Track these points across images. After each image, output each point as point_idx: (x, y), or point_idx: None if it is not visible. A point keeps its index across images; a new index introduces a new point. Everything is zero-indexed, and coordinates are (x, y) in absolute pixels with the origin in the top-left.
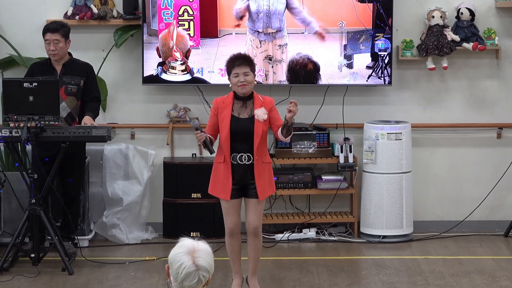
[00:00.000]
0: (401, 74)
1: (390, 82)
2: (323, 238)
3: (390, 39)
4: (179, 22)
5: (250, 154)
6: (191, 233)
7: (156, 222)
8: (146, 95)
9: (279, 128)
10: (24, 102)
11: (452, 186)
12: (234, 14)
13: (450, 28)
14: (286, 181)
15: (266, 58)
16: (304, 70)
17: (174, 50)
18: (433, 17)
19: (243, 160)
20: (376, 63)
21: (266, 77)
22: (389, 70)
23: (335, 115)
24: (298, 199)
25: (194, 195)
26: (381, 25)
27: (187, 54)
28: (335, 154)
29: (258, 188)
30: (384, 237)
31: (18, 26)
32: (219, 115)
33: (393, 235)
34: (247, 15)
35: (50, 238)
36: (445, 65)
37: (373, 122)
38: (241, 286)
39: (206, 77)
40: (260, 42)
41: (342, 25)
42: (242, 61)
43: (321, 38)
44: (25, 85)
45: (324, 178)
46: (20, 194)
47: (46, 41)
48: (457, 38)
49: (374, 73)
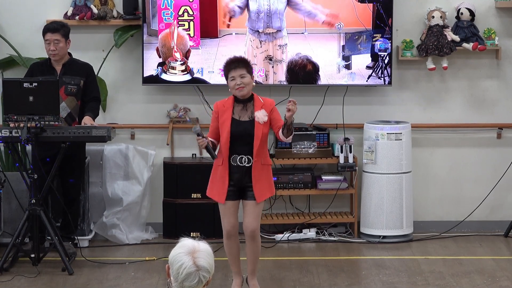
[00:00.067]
0: (401, 74)
1: (390, 82)
2: (323, 238)
3: (389, 39)
4: (179, 22)
5: (250, 157)
6: (191, 233)
7: (156, 222)
8: (146, 95)
9: (280, 128)
10: (24, 102)
11: (452, 186)
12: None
13: (450, 28)
14: (286, 181)
15: (266, 58)
16: (303, 71)
17: (174, 50)
18: (433, 17)
19: (243, 162)
20: (376, 63)
21: (266, 77)
22: (389, 70)
23: (335, 115)
24: (298, 199)
25: (194, 195)
26: (381, 25)
27: (187, 55)
28: (335, 154)
29: (256, 190)
30: (384, 237)
31: (18, 26)
32: (220, 119)
33: (393, 235)
34: (247, 16)
35: (50, 238)
36: (445, 65)
37: (373, 122)
38: (241, 286)
39: (206, 77)
40: (260, 42)
41: (340, 26)
42: (238, 63)
43: (330, 26)
44: (25, 85)
45: (324, 178)
46: (20, 194)
47: (46, 41)
48: (457, 38)
49: (374, 73)
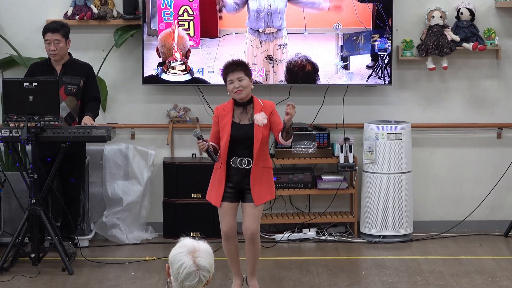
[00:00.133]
0: (401, 74)
1: (390, 82)
2: (323, 238)
3: (389, 39)
4: (179, 22)
5: (250, 159)
6: (191, 233)
7: (156, 222)
8: (146, 95)
9: (280, 131)
10: (24, 102)
11: (452, 186)
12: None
13: (450, 28)
14: (286, 181)
15: (266, 58)
16: (302, 71)
17: (174, 50)
18: (433, 17)
19: (243, 164)
20: (376, 63)
21: (267, 77)
22: (389, 70)
23: (335, 115)
24: (298, 199)
25: (194, 195)
26: (381, 25)
27: (187, 54)
28: (335, 154)
29: (254, 193)
30: (384, 237)
31: (18, 26)
32: (221, 123)
33: (393, 235)
34: (247, 15)
35: (50, 238)
36: (445, 65)
37: (373, 122)
38: (241, 286)
39: (206, 77)
40: (260, 42)
41: (338, 26)
42: (235, 67)
43: (338, 11)
44: (25, 85)
45: (324, 178)
46: (20, 194)
47: (46, 41)
48: (457, 38)
49: (374, 73)
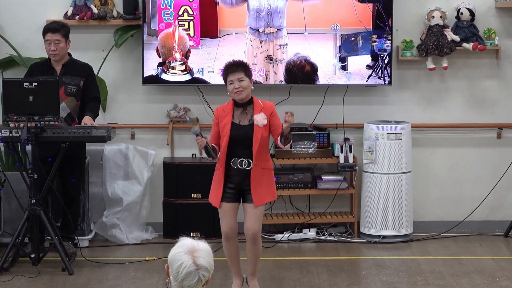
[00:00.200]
0: (401, 74)
1: (390, 82)
2: (323, 238)
3: (387, 39)
4: (179, 22)
5: (250, 160)
6: (191, 233)
7: (156, 222)
8: (146, 95)
9: (279, 136)
10: (24, 102)
11: (452, 186)
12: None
13: (450, 28)
14: (286, 181)
15: (266, 58)
16: (301, 72)
17: (175, 51)
18: (433, 17)
19: (243, 165)
20: (376, 63)
21: (267, 77)
22: (389, 70)
23: (335, 115)
24: (298, 199)
25: (194, 195)
26: (381, 25)
27: (187, 55)
28: (335, 154)
29: (254, 194)
30: (384, 237)
31: (18, 26)
32: (220, 124)
33: (393, 235)
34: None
35: (50, 238)
36: (445, 65)
37: (373, 122)
38: (241, 286)
39: (206, 77)
40: (260, 42)
41: (336, 27)
42: (236, 67)
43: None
44: (25, 85)
45: (324, 178)
46: (20, 194)
47: (46, 41)
48: (457, 38)
49: (374, 73)
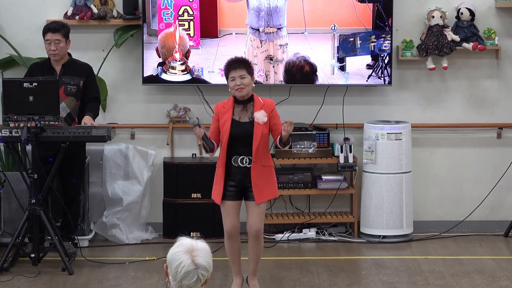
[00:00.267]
0: (401, 74)
1: (390, 82)
2: (323, 238)
3: (386, 39)
4: (179, 22)
5: (251, 157)
6: (191, 233)
7: (156, 222)
8: (146, 95)
9: (278, 137)
10: (24, 102)
11: (452, 186)
12: None
13: (450, 28)
14: (286, 181)
15: (267, 58)
16: (300, 72)
17: (175, 51)
18: (433, 17)
19: (244, 163)
20: (376, 63)
21: (267, 77)
22: (389, 70)
23: (335, 115)
24: (298, 199)
25: (194, 195)
26: (381, 25)
27: (187, 55)
28: (335, 154)
29: (255, 191)
30: (384, 237)
31: (18, 26)
32: (220, 120)
33: (393, 235)
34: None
35: (50, 238)
36: (445, 65)
37: (373, 122)
38: (241, 286)
39: (206, 77)
40: (260, 42)
41: (334, 27)
42: (238, 64)
43: None
44: (25, 85)
45: (324, 178)
46: (20, 194)
47: (46, 41)
48: (457, 38)
49: (374, 73)
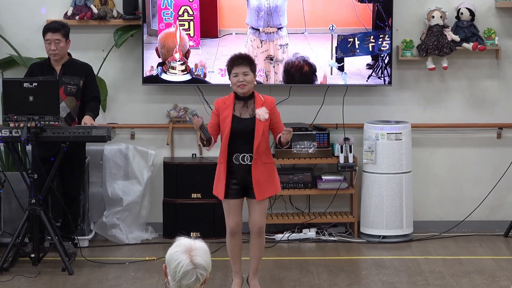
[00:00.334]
0: (401, 74)
1: (390, 82)
2: (323, 238)
3: (385, 39)
4: (179, 22)
5: (252, 154)
6: (191, 233)
7: (156, 222)
8: (146, 95)
9: (278, 137)
10: (24, 102)
11: (452, 186)
12: None
13: (450, 28)
14: (286, 181)
15: (267, 58)
16: (299, 72)
17: (175, 51)
18: (433, 17)
19: (245, 160)
20: (376, 63)
21: (267, 77)
22: (389, 70)
23: (335, 115)
24: (298, 199)
25: (194, 195)
26: (381, 25)
27: (187, 55)
28: (335, 154)
29: (257, 188)
30: (384, 237)
31: (18, 26)
32: (221, 115)
33: (393, 235)
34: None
35: (50, 238)
36: (445, 65)
37: (373, 122)
38: (241, 286)
39: (206, 77)
40: (261, 42)
41: (332, 27)
42: (242, 60)
43: None
44: (25, 85)
45: (324, 178)
46: (20, 194)
47: (46, 41)
48: (457, 38)
49: (374, 73)
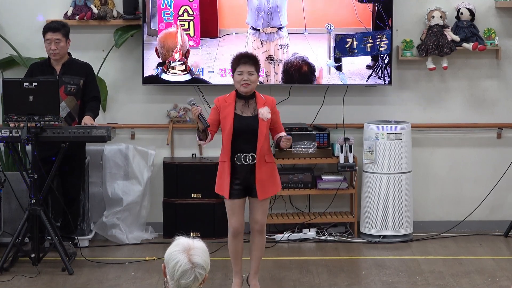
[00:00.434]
0: (401, 74)
1: (390, 82)
2: (323, 238)
3: (383, 40)
4: (179, 22)
5: (254, 154)
6: (191, 233)
7: (156, 222)
8: (146, 95)
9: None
10: (24, 102)
11: (452, 186)
12: None
13: (450, 28)
14: (286, 181)
15: (267, 58)
16: (298, 72)
17: (175, 51)
18: (433, 17)
19: (247, 160)
20: (376, 63)
21: (267, 77)
22: (389, 70)
23: (335, 115)
24: (298, 199)
25: (194, 195)
26: (381, 25)
27: (186, 55)
28: (335, 154)
29: (259, 187)
30: (384, 237)
31: (18, 26)
32: (221, 113)
33: (393, 235)
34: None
35: (50, 238)
36: (445, 65)
37: (373, 122)
38: (241, 286)
39: (206, 77)
40: (261, 42)
41: (330, 27)
42: (248, 59)
43: None
44: (25, 85)
45: (324, 178)
46: (20, 194)
47: (47, 40)
48: (457, 38)
49: (374, 73)
